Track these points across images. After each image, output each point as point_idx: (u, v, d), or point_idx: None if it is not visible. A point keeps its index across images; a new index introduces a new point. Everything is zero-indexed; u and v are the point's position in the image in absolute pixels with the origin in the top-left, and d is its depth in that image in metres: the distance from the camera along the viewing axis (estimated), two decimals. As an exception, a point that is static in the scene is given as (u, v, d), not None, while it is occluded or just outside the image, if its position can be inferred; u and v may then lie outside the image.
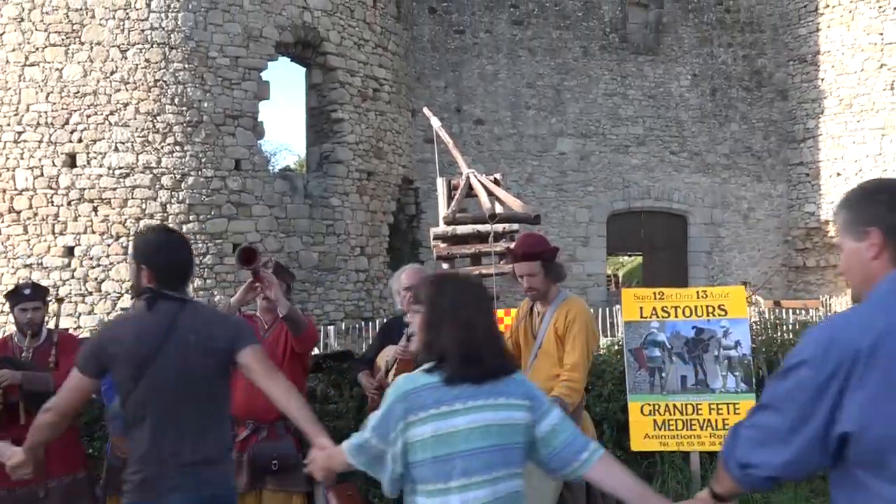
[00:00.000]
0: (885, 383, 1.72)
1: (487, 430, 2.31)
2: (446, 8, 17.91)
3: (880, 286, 1.85)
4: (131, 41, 12.93)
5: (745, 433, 1.96)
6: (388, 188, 15.65)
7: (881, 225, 1.88)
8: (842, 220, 1.98)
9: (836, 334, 1.81)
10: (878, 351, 1.73)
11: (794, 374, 1.84)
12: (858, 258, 1.93)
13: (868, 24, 18.35)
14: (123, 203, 12.88)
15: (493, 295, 9.65)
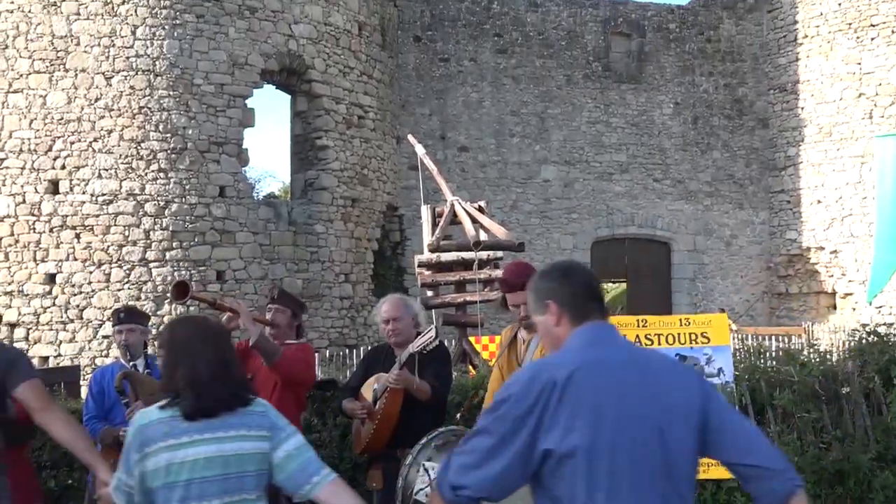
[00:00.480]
0: (576, 407, 2.10)
1: (213, 461, 2.47)
2: (431, 37, 18.05)
3: (569, 341, 2.26)
4: (116, 68, 12.94)
5: (457, 459, 2.18)
6: (373, 215, 15.66)
7: (555, 298, 2.30)
8: (529, 301, 2.40)
9: (539, 372, 2.17)
10: (573, 381, 2.11)
11: (504, 405, 2.16)
12: (546, 328, 2.35)
13: (846, 55, 18.65)
14: (106, 230, 12.81)
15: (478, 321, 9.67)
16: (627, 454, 2.09)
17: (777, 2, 20.00)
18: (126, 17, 12.97)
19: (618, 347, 2.26)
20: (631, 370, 2.19)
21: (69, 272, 12.76)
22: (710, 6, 20.03)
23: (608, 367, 2.17)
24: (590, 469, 2.07)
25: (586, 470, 2.07)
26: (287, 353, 4.36)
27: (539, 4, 18.87)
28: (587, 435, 2.07)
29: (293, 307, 4.62)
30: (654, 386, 2.18)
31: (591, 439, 2.07)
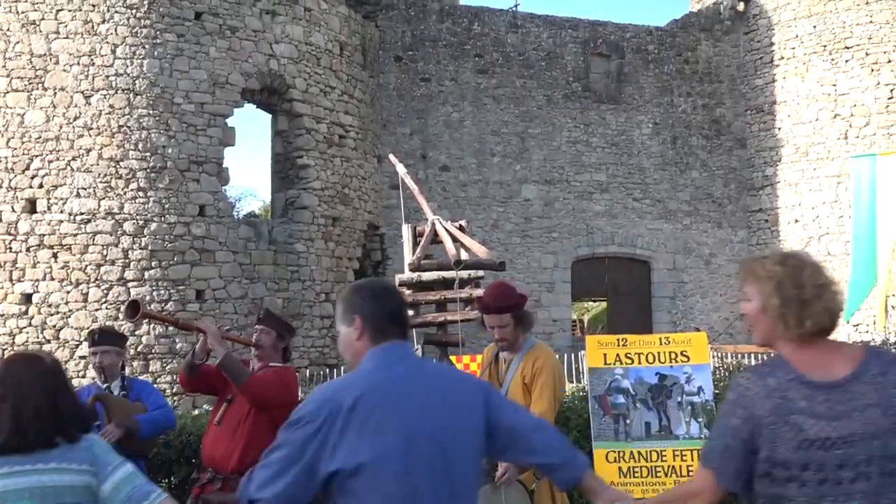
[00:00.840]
0: (361, 428, 2.24)
1: (26, 492, 2.55)
2: (412, 56, 18.14)
3: (365, 360, 2.42)
4: (95, 87, 12.88)
5: (258, 473, 2.30)
6: (354, 234, 15.64)
7: (362, 314, 2.44)
8: (338, 310, 2.54)
9: (329, 394, 2.32)
10: (358, 405, 2.25)
11: (297, 424, 2.29)
12: (349, 340, 2.48)
13: (822, 76, 18.94)
14: (84, 249, 12.69)
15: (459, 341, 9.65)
16: (412, 467, 2.24)
17: (753, 24, 20.29)
18: (106, 36, 12.93)
19: (406, 366, 2.41)
20: (416, 387, 2.35)
21: (46, 292, 12.62)
22: (688, 28, 20.28)
23: (395, 386, 2.33)
24: (377, 484, 2.22)
25: (373, 486, 2.22)
26: (262, 376, 4.23)
27: (519, 25, 19.03)
28: (373, 452, 2.22)
29: (278, 329, 4.54)
30: (439, 400, 2.35)
31: (376, 456, 2.22)
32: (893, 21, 18.29)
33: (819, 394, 2.17)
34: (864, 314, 16.49)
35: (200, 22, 13.42)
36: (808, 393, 2.18)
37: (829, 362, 2.23)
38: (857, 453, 2.12)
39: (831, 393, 2.17)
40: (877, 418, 2.13)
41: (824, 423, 2.14)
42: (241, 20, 13.77)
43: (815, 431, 2.13)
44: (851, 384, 2.18)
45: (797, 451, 2.13)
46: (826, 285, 2.28)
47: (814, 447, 2.13)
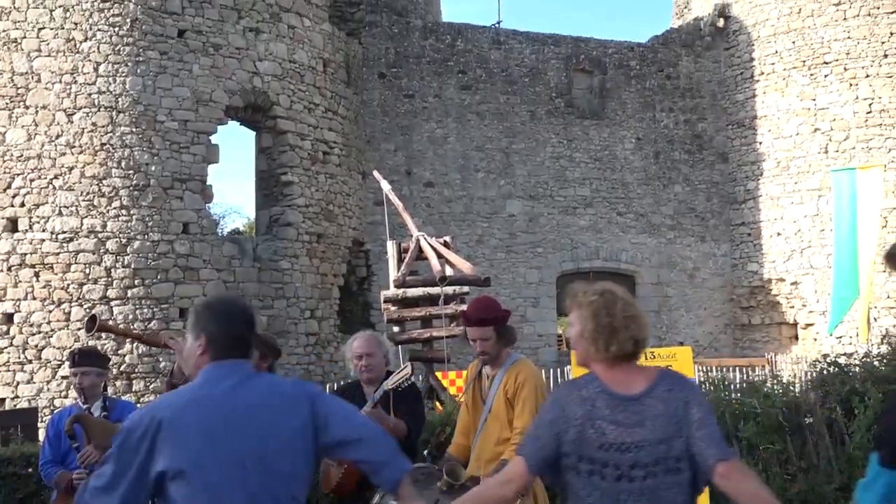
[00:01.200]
0: (175, 440, 2.45)
1: None
2: (396, 73, 18.19)
3: (199, 376, 2.62)
4: (78, 105, 12.83)
5: (93, 481, 2.52)
6: (339, 251, 15.61)
7: (207, 333, 2.64)
8: (189, 320, 2.73)
9: (152, 409, 2.54)
10: (175, 420, 2.47)
11: (122, 438, 2.51)
12: (192, 351, 2.67)
13: (801, 91, 19.15)
14: (66, 268, 12.60)
15: (445, 357, 9.63)
16: (218, 478, 2.45)
17: (733, 40, 20.51)
18: (88, 54, 12.90)
19: (233, 382, 2.58)
20: (237, 402, 2.54)
21: (27, 311, 12.51)
22: (669, 44, 20.47)
23: (213, 402, 2.53)
24: (186, 492, 2.43)
25: (184, 493, 2.43)
26: None
27: (502, 42, 19.14)
28: (183, 463, 2.43)
29: (261, 349, 4.51)
30: (261, 412, 2.55)
31: (187, 466, 2.43)
32: (871, 36, 18.54)
33: (620, 405, 2.57)
34: (847, 326, 16.61)
35: (184, 39, 13.41)
36: (611, 404, 2.58)
37: (630, 380, 2.62)
38: (646, 456, 2.51)
39: (629, 405, 2.57)
40: (663, 427, 2.54)
41: (622, 430, 2.54)
42: (225, 38, 13.77)
43: (615, 436, 2.53)
44: (645, 398, 2.58)
45: (599, 450, 2.53)
46: (634, 317, 2.66)
47: (612, 449, 2.52)
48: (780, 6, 19.55)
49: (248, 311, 2.79)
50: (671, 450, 2.53)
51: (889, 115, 18.34)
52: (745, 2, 20.28)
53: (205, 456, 2.45)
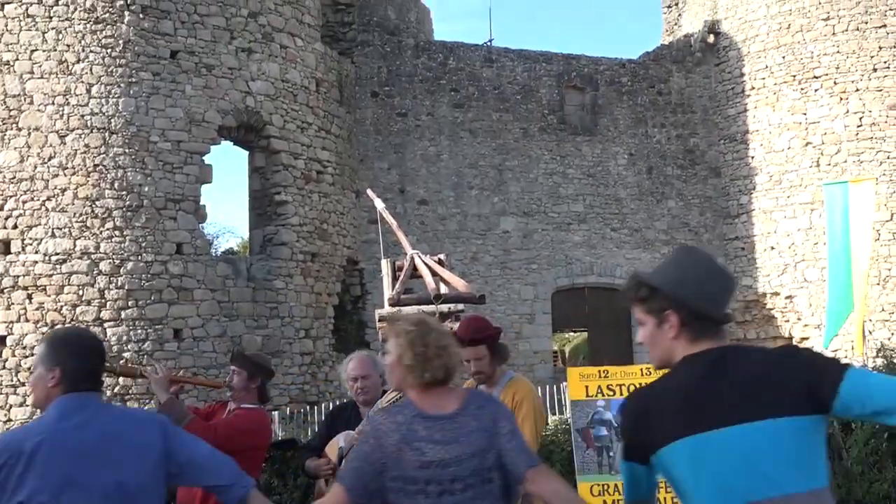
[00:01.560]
0: (41, 470, 2.52)
1: None
2: (388, 92, 18.25)
3: (50, 408, 2.70)
4: (70, 126, 12.82)
5: None
6: (333, 269, 15.58)
7: (62, 367, 2.72)
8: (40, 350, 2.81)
9: (11, 441, 2.61)
10: (37, 451, 2.54)
11: None
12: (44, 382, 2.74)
13: (792, 105, 19.26)
14: (59, 290, 12.54)
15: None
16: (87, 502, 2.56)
17: (724, 55, 20.64)
18: (81, 76, 12.91)
19: (83, 416, 2.67)
20: (95, 432, 2.63)
21: (20, 334, 12.44)
22: (660, 60, 20.59)
23: (72, 432, 2.61)
24: None
25: None
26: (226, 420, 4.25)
27: (494, 60, 19.23)
28: (38, 495, 2.50)
29: (249, 369, 4.48)
30: (110, 444, 2.64)
31: (53, 497, 2.51)
32: (860, 51, 18.68)
33: (436, 425, 2.74)
34: (842, 340, 16.61)
35: (176, 60, 13.43)
36: (427, 425, 2.74)
37: (443, 402, 2.80)
38: (464, 469, 2.69)
39: (444, 424, 2.75)
40: (477, 441, 2.73)
41: (440, 448, 2.70)
42: (218, 58, 13.80)
43: (433, 454, 2.69)
44: (458, 417, 2.77)
45: (421, 469, 2.67)
46: (446, 346, 2.85)
47: (433, 466, 2.67)
48: (769, 22, 19.70)
49: (100, 345, 2.92)
50: (484, 461, 2.72)
51: (880, 129, 18.45)
52: (734, 18, 20.43)
53: (65, 487, 2.53)
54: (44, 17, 12.89)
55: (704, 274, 2.34)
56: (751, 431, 2.17)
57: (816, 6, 19.08)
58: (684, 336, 2.32)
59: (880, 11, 18.66)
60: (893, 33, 18.59)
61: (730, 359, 2.27)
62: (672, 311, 2.31)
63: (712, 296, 2.32)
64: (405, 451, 2.70)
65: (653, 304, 2.35)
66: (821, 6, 19.05)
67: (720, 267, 2.40)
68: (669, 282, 2.33)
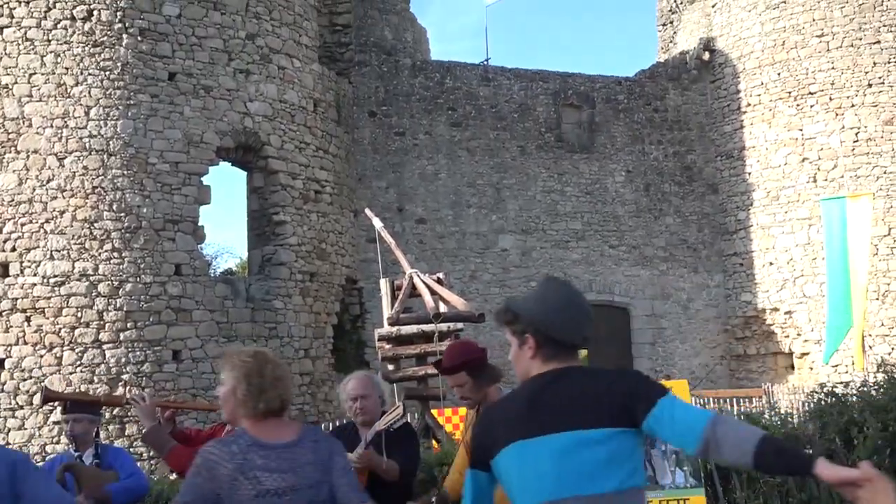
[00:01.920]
0: None
1: None
2: (386, 112, 18.32)
3: None
4: (69, 149, 12.85)
5: None
6: (332, 289, 15.57)
7: None
8: None
9: None
10: None
11: None
12: None
13: (788, 121, 19.35)
14: (58, 312, 12.52)
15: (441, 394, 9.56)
16: None
17: (719, 72, 20.75)
18: (79, 98, 12.95)
19: None
20: None
21: (18, 356, 12.40)
22: (656, 78, 20.70)
23: None
24: None
25: None
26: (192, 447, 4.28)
27: (491, 79, 19.32)
28: None
29: None
30: None
31: None
32: (854, 67, 18.79)
33: (272, 453, 2.81)
34: (842, 355, 16.58)
35: (174, 82, 13.48)
36: (264, 453, 2.80)
37: (279, 432, 2.88)
38: (300, 498, 2.76)
39: (281, 452, 2.82)
40: (312, 473, 2.80)
41: (277, 476, 2.75)
42: (216, 79, 13.86)
43: (270, 483, 2.74)
44: (295, 447, 2.85)
45: (256, 499, 2.71)
46: (281, 377, 2.94)
47: (269, 494, 2.73)
48: (764, 39, 19.82)
49: None
50: (319, 494, 2.81)
51: (875, 144, 18.52)
52: (729, 35, 20.56)
53: None
54: (42, 41, 12.95)
55: (561, 304, 2.62)
56: (571, 437, 2.45)
57: (810, 23, 19.22)
58: (539, 356, 2.60)
59: (874, 28, 18.79)
60: (887, 49, 18.71)
61: (568, 376, 2.56)
62: (530, 334, 2.59)
63: (565, 323, 2.60)
64: (240, 481, 2.73)
65: (516, 327, 2.64)
66: (815, 23, 19.18)
67: (578, 299, 2.67)
68: (529, 309, 2.62)
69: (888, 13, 18.78)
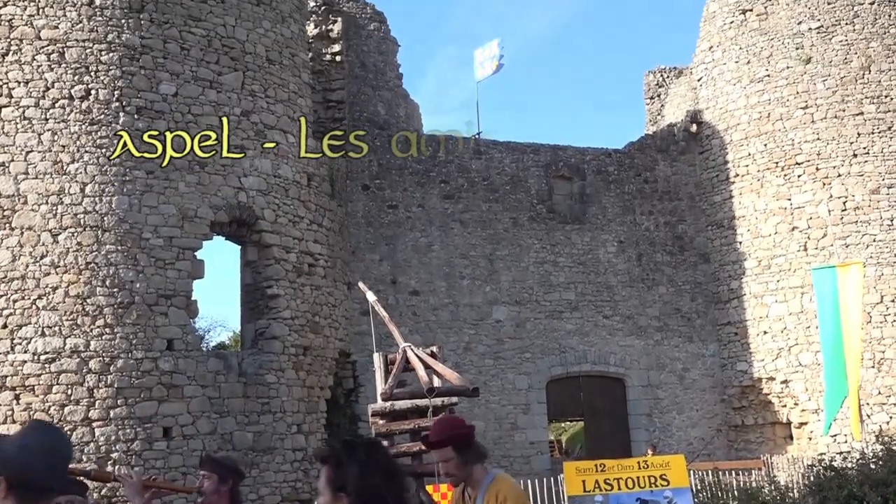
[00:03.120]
0: None
1: None
2: (379, 185, 18.51)
3: None
4: (63, 225, 12.90)
5: None
6: (325, 363, 15.46)
7: None
8: None
9: None
10: None
11: None
12: None
13: (776, 191, 19.60)
14: (48, 390, 12.37)
15: (435, 471, 9.40)
16: None
17: (707, 144, 21.11)
18: (75, 175, 13.07)
19: None
20: None
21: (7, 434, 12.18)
22: (645, 149, 21.03)
23: None
24: None
25: None
26: None
27: (483, 152, 19.60)
28: None
29: (219, 472, 4.48)
30: None
31: None
32: (839, 137, 19.14)
33: None
34: (841, 424, 16.45)
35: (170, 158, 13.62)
36: None
37: None
38: None
39: None
40: None
41: None
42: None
43: None
44: None
45: None
46: None
47: None
48: (749, 111, 20.23)
49: None
50: None
51: (863, 212, 18.74)
52: (715, 108, 20.98)
53: None
54: (40, 120, 13.14)
55: (33, 448, 2.59)
56: None
57: (794, 95, 19.65)
58: (12, 499, 2.56)
59: (856, 100, 19.22)
60: (871, 120, 19.10)
61: None
62: (2, 476, 2.55)
63: (30, 467, 2.56)
64: None
65: None
66: (799, 95, 19.61)
67: (52, 444, 2.64)
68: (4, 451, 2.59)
69: (870, 85, 19.24)
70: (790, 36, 19.86)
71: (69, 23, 13.45)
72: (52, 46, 13.33)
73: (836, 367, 11.70)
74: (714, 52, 21.08)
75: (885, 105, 19.16)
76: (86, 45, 13.43)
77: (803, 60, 19.63)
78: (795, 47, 19.75)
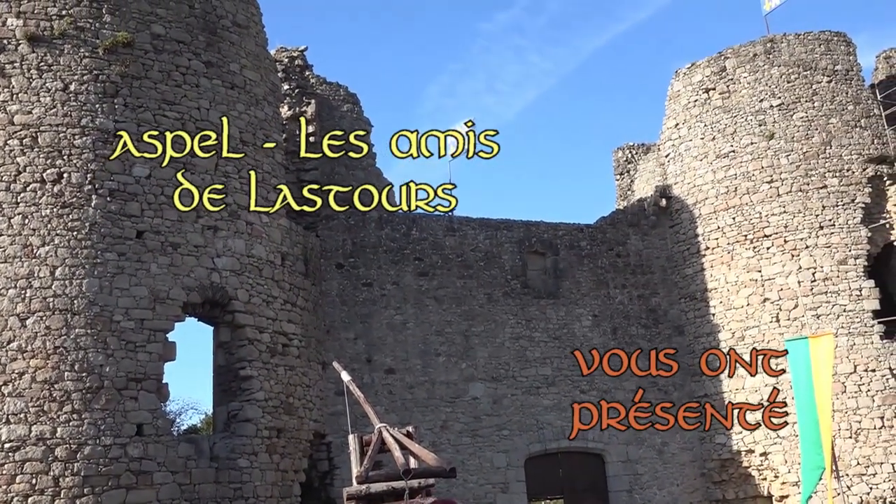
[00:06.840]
0: None
1: None
2: (353, 263, 18.52)
3: None
4: (32, 309, 12.72)
5: None
6: (300, 445, 15.16)
7: None
8: None
9: None
10: None
11: None
12: None
13: (746, 263, 19.87)
14: (11, 479, 11.98)
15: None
16: None
17: (677, 218, 21.45)
18: (45, 259, 12.96)
19: None
20: None
21: (-34, 529, 11.74)
22: (617, 224, 21.31)
23: None
24: None
25: None
26: None
27: (456, 229, 19.74)
28: None
29: None
30: None
31: None
32: (805, 210, 19.55)
33: None
34: (822, 496, 16.33)
35: (142, 240, 13.58)
36: None
37: None
38: None
39: None
40: None
41: None
42: (184, 236, 13.99)
43: None
44: None
45: None
46: None
47: None
48: (717, 186, 20.66)
49: None
50: None
51: (832, 283, 19.00)
52: (683, 183, 21.41)
53: None
54: (11, 204, 13.08)
55: None
56: None
57: (760, 170, 20.13)
58: None
59: (819, 174, 19.72)
60: (834, 193, 19.57)
61: None
62: None
63: None
64: None
65: None
66: (764, 170, 20.10)
67: None
68: None
69: (831, 160, 19.78)
70: (752, 113, 20.45)
71: (43, 108, 13.54)
72: (24, 131, 13.39)
73: (812, 439, 11.69)
74: (680, 129, 21.63)
75: (846, 178, 19.66)
76: (59, 130, 13.50)
77: (766, 136, 20.18)
78: (758, 124, 20.33)
